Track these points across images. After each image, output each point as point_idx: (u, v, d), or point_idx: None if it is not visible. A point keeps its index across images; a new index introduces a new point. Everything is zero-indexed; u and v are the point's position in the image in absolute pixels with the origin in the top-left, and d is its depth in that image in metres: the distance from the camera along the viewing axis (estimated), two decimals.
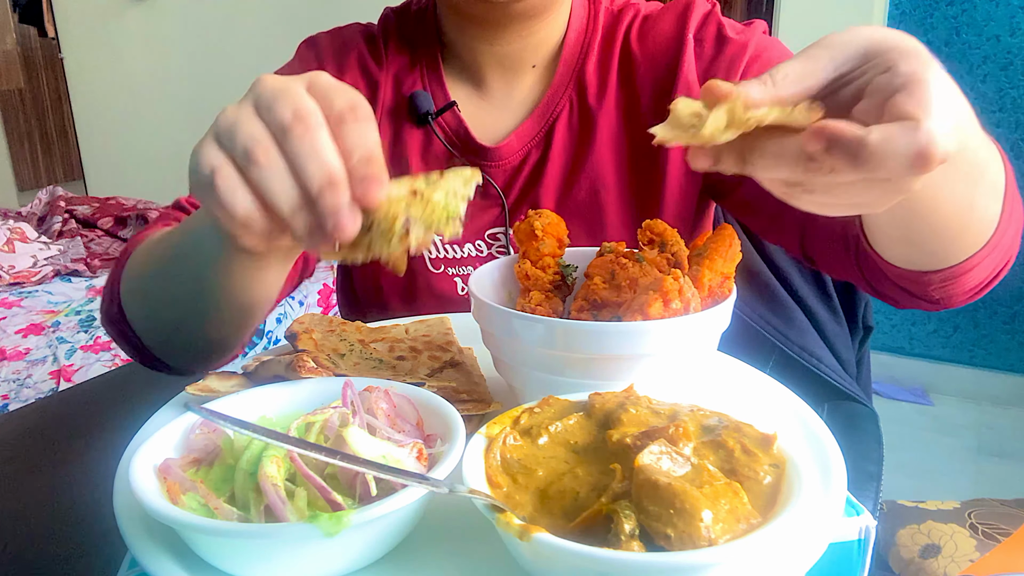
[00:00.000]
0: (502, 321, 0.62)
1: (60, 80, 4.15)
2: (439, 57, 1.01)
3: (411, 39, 1.02)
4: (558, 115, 0.96)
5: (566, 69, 0.97)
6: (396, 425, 0.57)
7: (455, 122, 0.98)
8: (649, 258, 0.68)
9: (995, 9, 2.55)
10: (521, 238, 0.71)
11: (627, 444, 0.48)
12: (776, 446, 0.49)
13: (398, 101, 1.00)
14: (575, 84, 0.97)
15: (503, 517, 0.45)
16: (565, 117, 0.96)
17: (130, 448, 0.57)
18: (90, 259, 2.66)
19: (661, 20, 0.96)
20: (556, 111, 0.97)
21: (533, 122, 0.97)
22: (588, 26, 0.98)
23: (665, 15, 0.97)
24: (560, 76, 0.97)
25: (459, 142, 0.98)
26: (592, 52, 0.97)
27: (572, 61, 0.97)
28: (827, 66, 0.48)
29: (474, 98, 1.00)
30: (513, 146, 0.96)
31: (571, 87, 0.97)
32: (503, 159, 0.96)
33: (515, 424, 0.53)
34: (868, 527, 0.54)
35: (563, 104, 0.96)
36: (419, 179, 0.50)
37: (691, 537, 0.42)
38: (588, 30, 0.98)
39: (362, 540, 0.48)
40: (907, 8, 2.64)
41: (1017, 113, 2.60)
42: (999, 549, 1.52)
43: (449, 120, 0.98)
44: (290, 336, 0.71)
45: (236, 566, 0.47)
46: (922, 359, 2.92)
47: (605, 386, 0.56)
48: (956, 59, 2.63)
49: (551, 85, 0.97)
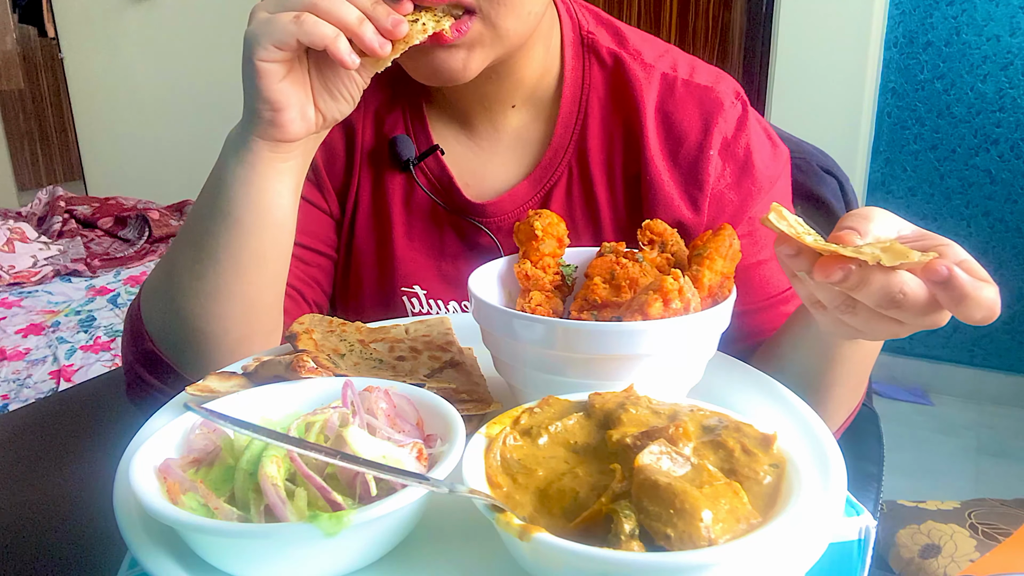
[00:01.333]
0: (502, 321, 0.62)
1: (60, 80, 4.15)
2: (421, 97, 0.94)
3: (392, 73, 0.95)
4: (556, 181, 0.91)
5: (564, 131, 0.91)
6: (396, 425, 0.57)
7: (438, 169, 0.92)
8: (649, 258, 0.68)
9: (995, 9, 2.55)
10: (521, 238, 0.72)
11: (627, 444, 0.48)
12: (776, 446, 0.49)
13: (379, 143, 0.93)
14: (575, 149, 0.91)
15: (503, 517, 0.45)
16: (564, 184, 0.91)
17: (130, 448, 0.57)
18: (90, 259, 2.66)
19: (683, 109, 0.89)
20: (555, 177, 0.91)
21: (530, 185, 0.91)
22: (584, 80, 0.91)
23: (688, 104, 0.89)
24: (559, 138, 0.91)
25: (442, 191, 0.92)
26: (592, 112, 0.90)
27: (570, 122, 0.91)
28: (892, 227, 0.59)
29: (461, 139, 0.94)
30: (506, 206, 0.91)
31: (571, 151, 0.91)
32: (494, 216, 0.91)
33: (515, 424, 0.53)
34: (868, 527, 0.54)
35: (562, 170, 0.91)
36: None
37: (691, 537, 0.42)
38: (584, 85, 0.91)
39: (362, 540, 0.48)
40: (907, 8, 2.64)
41: (1017, 113, 2.61)
42: (999, 549, 1.52)
43: (432, 167, 0.92)
44: (290, 336, 0.71)
45: (236, 566, 0.47)
46: (922, 359, 2.92)
47: (605, 386, 0.56)
48: (956, 59, 2.63)
49: (550, 146, 0.91)
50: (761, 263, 0.91)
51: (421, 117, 0.93)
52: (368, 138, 0.93)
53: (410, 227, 0.93)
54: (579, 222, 0.91)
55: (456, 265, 0.93)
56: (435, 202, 0.92)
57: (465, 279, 0.89)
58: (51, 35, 4.06)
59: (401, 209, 0.93)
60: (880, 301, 0.54)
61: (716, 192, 0.89)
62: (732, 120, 0.89)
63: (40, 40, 4.13)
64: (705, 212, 0.89)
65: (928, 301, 0.53)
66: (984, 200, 2.72)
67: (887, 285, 0.53)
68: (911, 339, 2.93)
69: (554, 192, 0.91)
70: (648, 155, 0.88)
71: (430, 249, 0.94)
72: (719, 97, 0.89)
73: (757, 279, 0.91)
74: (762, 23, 2.76)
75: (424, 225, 0.93)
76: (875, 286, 0.53)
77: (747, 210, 0.89)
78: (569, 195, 0.91)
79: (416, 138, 0.93)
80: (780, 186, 0.92)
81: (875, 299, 0.54)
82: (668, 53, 0.93)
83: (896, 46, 2.69)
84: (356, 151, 0.93)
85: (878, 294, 0.53)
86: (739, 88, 0.92)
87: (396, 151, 0.91)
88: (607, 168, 0.91)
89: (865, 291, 0.53)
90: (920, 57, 2.68)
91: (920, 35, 2.66)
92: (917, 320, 0.55)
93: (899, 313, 0.55)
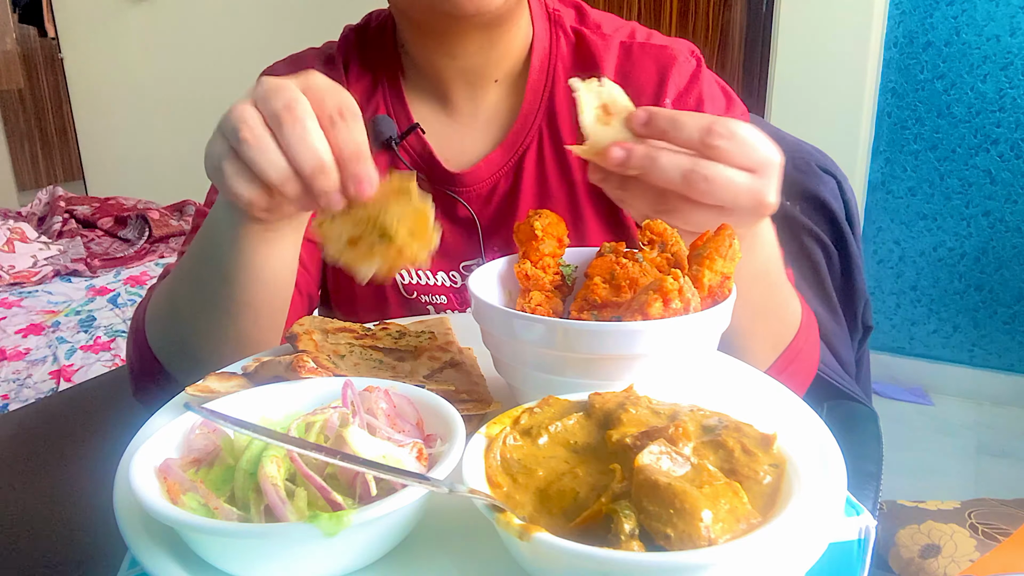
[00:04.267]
0: (502, 321, 0.62)
1: (60, 80, 4.15)
2: (400, 76, 0.97)
3: (372, 58, 0.98)
4: (528, 146, 0.94)
5: (533, 96, 0.94)
6: (396, 425, 0.57)
7: (419, 145, 0.95)
8: (649, 258, 0.68)
9: (995, 9, 2.55)
10: (521, 238, 0.71)
11: (627, 444, 0.48)
12: (776, 446, 0.49)
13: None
14: (545, 114, 0.94)
15: (503, 517, 0.45)
16: (535, 148, 0.94)
17: (130, 448, 0.57)
18: (90, 259, 2.66)
19: (639, 68, 0.93)
20: (526, 142, 0.94)
21: (503, 151, 0.94)
22: (551, 50, 0.95)
23: (644, 62, 0.93)
24: (528, 104, 0.94)
25: (425, 166, 0.94)
26: (559, 82, 0.94)
27: (539, 88, 0.94)
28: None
29: (440, 116, 0.97)
30: (482, 173, 0.94)
31: (540, 116, 0.94)
32: (471, 186, 0.94)
33: (515, 424, 0.53)
34: (868, 527, 0.54)
35: (532, 135, 0.94)
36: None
37: (691, 537, 0.42)
38: (551, 55, 0.95)
39: (362, 540, 0.48)
40: (907, 8, 2.64)
41: (1017, 113, 2.60)
42: (999, 549, 1.52)
43: (414, 144, 0.95)
44: (290, 337, 0.71)
45: (236, 566, 0.47)
46: (922, 359, 2.91)
47: (605, 386, 0.56)
48: (956, 59, 2.63)
49: (520, 113, 0.94)
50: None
51: (400, 96, 0.96)
52: None
53: None
54: (552, 184, 0.94)
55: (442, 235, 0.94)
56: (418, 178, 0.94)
57: (448, 249, 0.95)
58: (51, 35, 4.06)
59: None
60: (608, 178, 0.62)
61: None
62: (686, 73, 0.92)
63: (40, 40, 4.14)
64: None
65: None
66: (984, 200, 2.71)
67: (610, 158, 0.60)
68: (911, 339, 2.93)
69: (526, 156, 0.94)
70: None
71: None
72: (673, 53, 0.93)
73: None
74: (762, 23, 2.76)
75: None
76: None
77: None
78: (540, 158, 0.94)
79: (396, 117, 0.95)
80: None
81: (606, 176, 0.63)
82: (626, 25, 0.98)
83: (896, 46, 2.69)
84: None
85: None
86: (695, 48, 0.96)
87: (378, 130, 0.93)
88: (575, 130, 0.92)
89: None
90: (920, 57, 2.67)
91: (920, 35, 2.65)
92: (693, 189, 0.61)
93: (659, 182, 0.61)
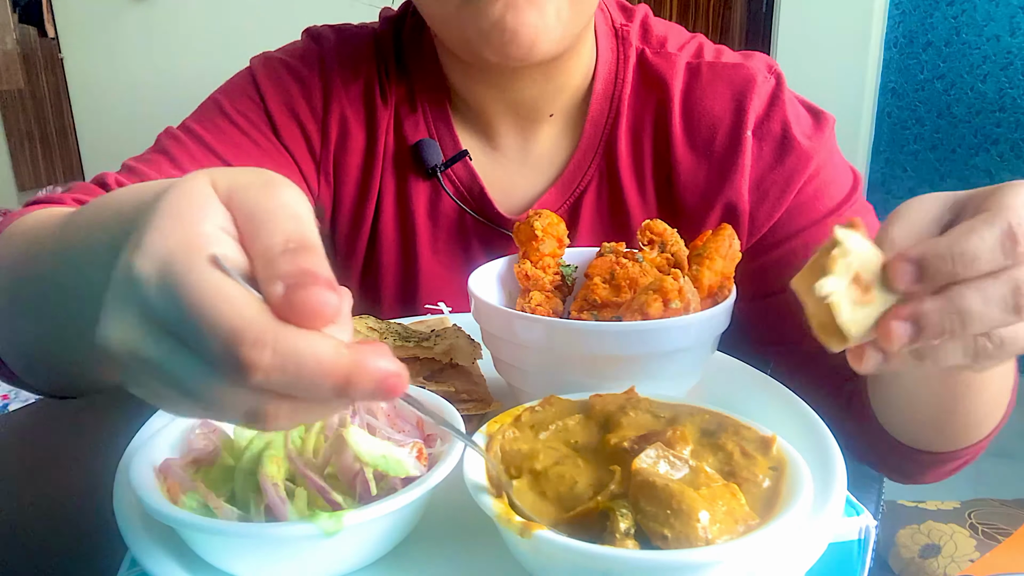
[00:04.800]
0: (502, 321, 0.62)
1: (60, 80, 4.15)
2: (446, 95, 0.85)
3: (409, 67, 0.86)
4: (586, 187, 0.84)
5: (594, 131, 0.83)
6: (396, 425, 0.57)
7: (467, 176, 0.84)
8: (649, 258, 0.68)
9: (995, 9, 2.55)
10: (521, 239, 0.71)
11: (624, 448, 0.48)
12: (776, 447, 0.49)
13: (400, 145, 0.85)
14: (603, 151, 0.83)
15: (503, 515, 0.45)
16: (594, 191, 0.84)
17: (130, 448, 0.56)
18: None
19: (711, 95, 0.81)
20: (584, 182, 0.84)
21: (557, 192, 0.84)
22: (618, 74, 0.84)
23: (717, 87, 0.81)
24: (587, 139, 0.83)
25: (473, 201, 0.84)
26: (623, 111, 0.83)
27: (600, 121, 0.84)
28: (926, 219, 0.45)
29: (485, 149, 0.86)
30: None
31: (599, 155, 0.83)
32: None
33: (515, 421, 0.53)
34: (868, 527, 0.54)
35: (591, 174, 0.83)
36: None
37: (688, 538, 0.41)
38: (618, 79, 0.83)
39: (362, 540, 0.48)
40: (907, 8, 2.64)
41: (1017, 113, 2.61)
42: (999, 549, 1.52)
43: (461, 173, 0.84)
44: None
45: (236, 566, 0.47)
46: None
47: (605, 386, 0.56)
48: (956, 59, 2.63)
49: (577, 148, 0.84)
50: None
51: (446, 119, 0.85)
52: (391, 140, 0.85)
53: (435, 239, 0.87)
54: (610, 231, 0.85)
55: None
56: (463, 211, 0.84)
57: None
58: (51, 35, 4.06)
59: (426, 220, 0.86)
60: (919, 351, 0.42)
61: (755, 176, 0.81)
62: (765, 96, 0.81)
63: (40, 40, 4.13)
64: (746, 199, 0.81)
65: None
66: None
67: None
68: None
69: (584, 199, 0.84)
70: (676, 156, 0.82)
71: (456, 263, 0.87)
72: (750, 73, 0.81)
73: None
74: (762, 23, 2.76)
75: (450, 237, 0.87)
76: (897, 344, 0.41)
77: (788, 195, 0.81)
78: (599, 200, 0.84)
79: (441, 142, 0.84)
80: (822, 166, 0.82)
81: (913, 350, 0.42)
82: (692, 40, 0.87)
83: (896, 46, 2.69)
84: (378, 154, 0.84)
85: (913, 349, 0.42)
86: (773, 63, 0.85)
87: (421, 156, 0.83)
88: (635, 172, 0.84)
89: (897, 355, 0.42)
90: (920, 57, 2.68)
91: (920, 35, 2.66)
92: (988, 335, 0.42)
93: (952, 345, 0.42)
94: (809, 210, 0.81)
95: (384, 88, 0.85)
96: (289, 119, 0.83)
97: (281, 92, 0.83)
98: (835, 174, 0.83)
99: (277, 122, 0.82)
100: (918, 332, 0.41)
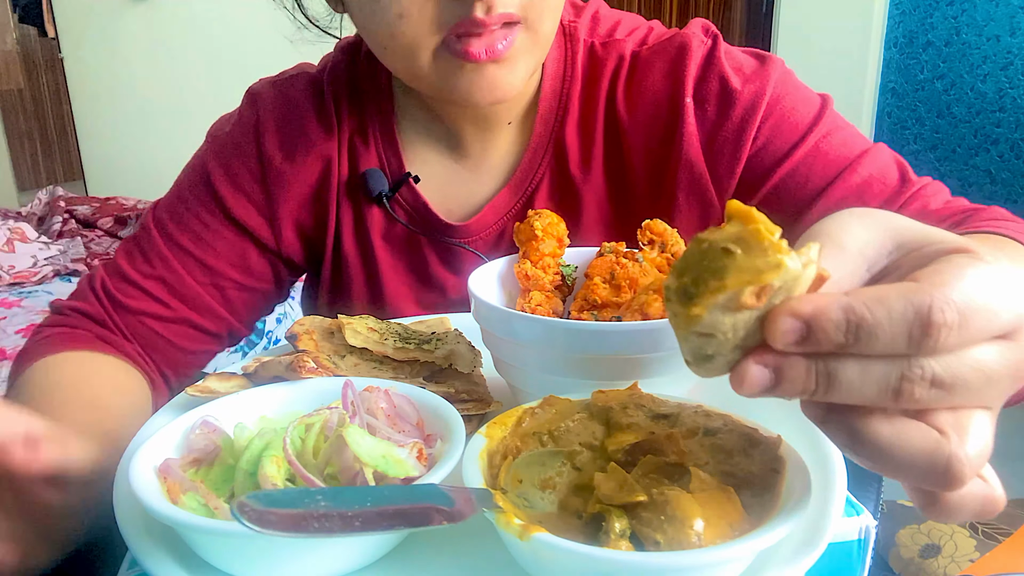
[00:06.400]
0: (502, 321, 0.62)
1: (60, 80, 4.15)
2: (392, 117, 0.88)
3: (364, 90, 0.88)
4: (537, 185, 0.86)
5: (544, 130, 0.85)
6: (396, 425, 0.57)
7: (411, 197, 0.87)
8: (649, 258, 0.68)
9: (995, 9, 2.55)
10: (521, 238, 0.71)
11: (619, 460, 0.48)
12: (776, 448, 0.49)
13: (353, 175, 0.88)
14: (553, 149, 0.85)
15: (503, 517, 0.45)
16: (545, 188, 0.86)
17: (130, 448, 0.56)
18: (90, 259, 2.66)
19: (650, 72, 0.82)
20: (535, 181, 0.86)
21: (509, 193, 0.86)
22: (565, 72, 0.85)
23: (655, 64, 0.82)
24: (537, 138, 0.85)
25: (419, 219, 0.88)
26: (572, 109, 0.84)
27: (549, 120, 0.85)
28: (859, 259, 0.38)
29: (446, 160, 0.89)
30: (487, 219, 0.87)
31: (549, 153, 0.85)
32: (477, 233, 0.87)
33: (515, 422, 0.53)
34: (868, 527, 0.54)
35: (542, 172, 0.86)
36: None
37: (680, 544, 0.41)
38: (566, 77, 0.84)
39: (362, 540, 0.48)
40: (907, 8, 2.64)
41: (1017, 113, 2.61)
42: (999, 549, 1.52)
43: (407, 196, 0.87)
44: (290, 337, 0.71)
45: (236, 566, 0.47)
46: None
47: (605, 387, 0.56)
48: (956, 59, 2.63)
49: (527, 148, 0.86)
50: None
51: (393, 143, 0.88)
52: (344, 170, 0.88)
53: (394, 259, 0.91)
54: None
55: (444, 293, 0.91)
56: (412, 232, 0.88)
57: (455, 302, 0.87)
58: (51, 35, 4.06)
59: (382, 242, 0.90)
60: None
61: (704, 140, 0.80)
62: (698, 60, 0.80)
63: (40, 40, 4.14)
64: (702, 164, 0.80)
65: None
66: (984, 200, 2.70)
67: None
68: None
69: (536, 196, 0.87)
70: (627, 141, 0.83)
71: (414, 280, 0.91)
72: (683, 39, 0.81)
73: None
74: (762, 23, 2.76)
75: (407, 257, 0.91)
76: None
77: (745, 143, 0.79)
78: (552, 196, 0.86)
79: (389, 165, 0.88)
80: (777, 99, 0.80)
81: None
82: (643, 27, 0.87)
83: (896, 46, 2.69)
84: (332, 185, 0.88)
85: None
86: (709, 25, 0.84)
87: (368, 186, 0.87)
88: (584, 164, 0.85)
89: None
90: (920, 57, 2.68)
91: (920, 35, 2.66)
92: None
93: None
94: (773, 149, 0.80)
95: (338, 120, 0.87)
96: (234, 192, 0.87)
97: (223, 167, 0.88)
98: (794, 102, 0.81)
99: (224, 198, 0.87)
100: (776, 384, 0.36)
